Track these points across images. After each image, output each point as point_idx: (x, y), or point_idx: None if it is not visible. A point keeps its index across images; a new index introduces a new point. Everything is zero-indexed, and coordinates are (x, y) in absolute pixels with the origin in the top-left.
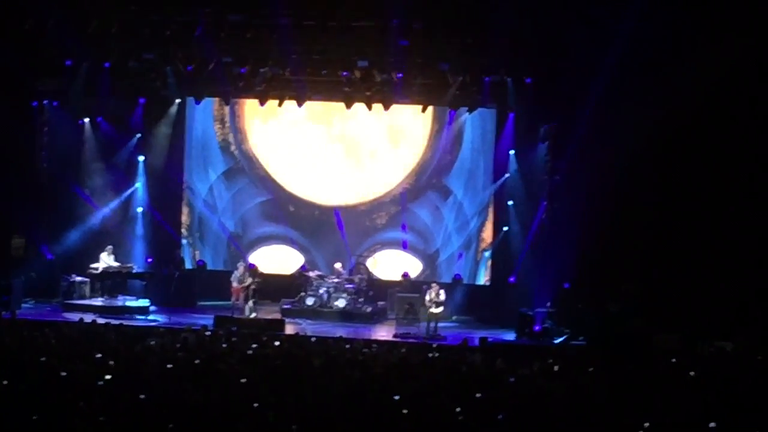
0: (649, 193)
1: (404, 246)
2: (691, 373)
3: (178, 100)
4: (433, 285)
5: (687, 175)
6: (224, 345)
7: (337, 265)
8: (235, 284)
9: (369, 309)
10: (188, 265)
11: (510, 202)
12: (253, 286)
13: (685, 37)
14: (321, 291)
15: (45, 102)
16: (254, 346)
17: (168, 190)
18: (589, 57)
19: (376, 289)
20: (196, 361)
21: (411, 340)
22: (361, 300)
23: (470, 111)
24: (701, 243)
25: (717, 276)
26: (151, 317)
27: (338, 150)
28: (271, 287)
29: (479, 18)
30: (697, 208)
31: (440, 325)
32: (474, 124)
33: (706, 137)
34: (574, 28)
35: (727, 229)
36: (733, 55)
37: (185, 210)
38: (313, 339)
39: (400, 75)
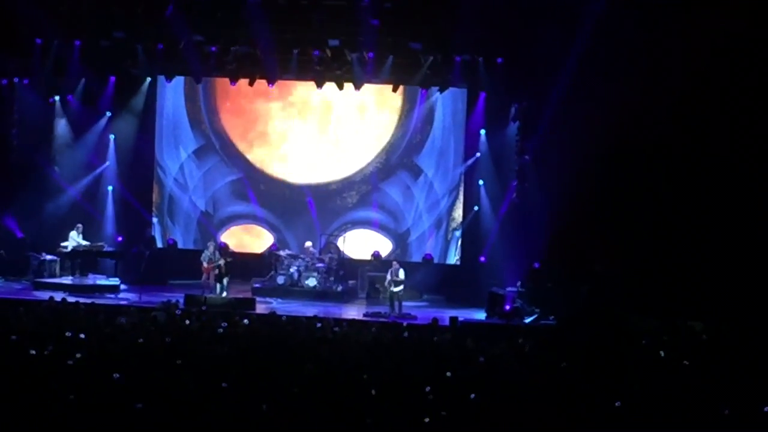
0: (619, 172)
1: (375, 225)
2: (661, 353)
3: (148, 79)
4: (393, 263)
5: (658, 154)
6: (194, 324)
7: (308, 244)
8: (205, 263)
9: (339, 288)
10: (159, 244)
11: (481, 182)
12: (223, 265)
13: (657, 18)
14: (291, 270)
15: (15, 80)
16: (224, 325)
17: (138, 169)
18: (560, 37)
19: (347, 268)
20: (167, 339)
21: (381, 320)
22: (331, 279)
23: (441, 90)
24: (672, 222)
25: (688, 256)
26: (121, 296)
27: (309, 129)
28: (242, 266)
29: None
30: (667, 188)
31: (411, 304)
32: (445, 104)
33: (677, 117)
34: (545, 8)
35: (699, 208)
36: (707, 35)
37: (156, 188)
38: (283, 318)
39: (372, 54)
